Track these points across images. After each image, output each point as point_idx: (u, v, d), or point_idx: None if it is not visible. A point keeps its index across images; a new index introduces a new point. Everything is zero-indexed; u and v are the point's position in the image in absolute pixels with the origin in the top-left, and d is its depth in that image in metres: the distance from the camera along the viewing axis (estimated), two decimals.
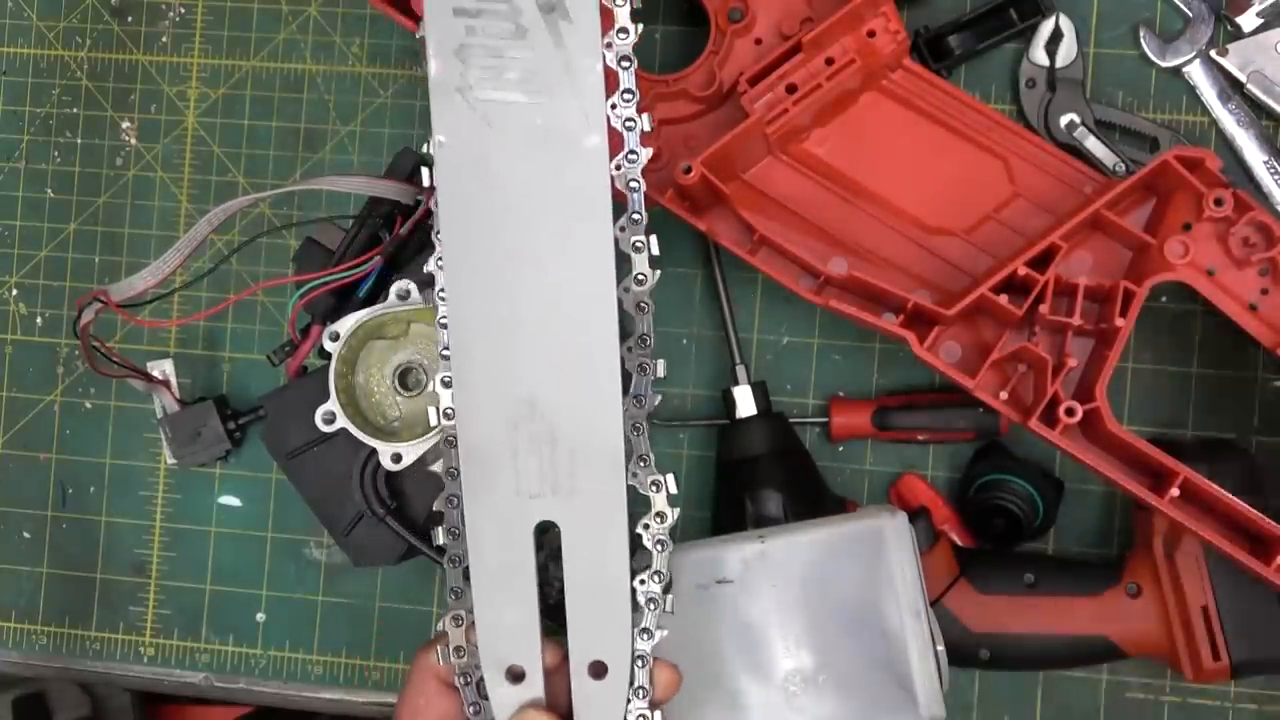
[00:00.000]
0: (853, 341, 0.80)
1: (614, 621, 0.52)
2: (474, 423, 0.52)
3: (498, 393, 0.52)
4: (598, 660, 0.52)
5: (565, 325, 0.52)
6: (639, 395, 0.52)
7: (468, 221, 0.52)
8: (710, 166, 0.69)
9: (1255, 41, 0.76)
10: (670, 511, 0.53)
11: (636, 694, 0.52)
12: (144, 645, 0.86)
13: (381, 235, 0.74)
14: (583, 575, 0.52)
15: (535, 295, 0.52)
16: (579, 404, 0.52)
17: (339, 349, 0.69)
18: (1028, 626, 0.72)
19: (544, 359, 0.52)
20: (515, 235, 0.52)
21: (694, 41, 0.77)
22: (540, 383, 0.52)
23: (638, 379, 0.52)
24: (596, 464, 0.52)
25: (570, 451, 0.52)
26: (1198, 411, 0.77)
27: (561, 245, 0.52)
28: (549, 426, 0.52)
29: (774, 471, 0.74)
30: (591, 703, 0.52)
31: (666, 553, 0.53)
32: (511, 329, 0.52)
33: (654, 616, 0.53)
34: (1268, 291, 0.69)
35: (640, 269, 0.52)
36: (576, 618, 0.52)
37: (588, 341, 0.52)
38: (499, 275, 0.52)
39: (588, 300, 0.52)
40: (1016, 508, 0.74)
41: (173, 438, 0.81)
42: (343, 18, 0.85)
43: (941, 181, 0.72)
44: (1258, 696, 0.77)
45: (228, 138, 0.86)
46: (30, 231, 0.87)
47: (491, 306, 0.52)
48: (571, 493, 0.52)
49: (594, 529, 0.52)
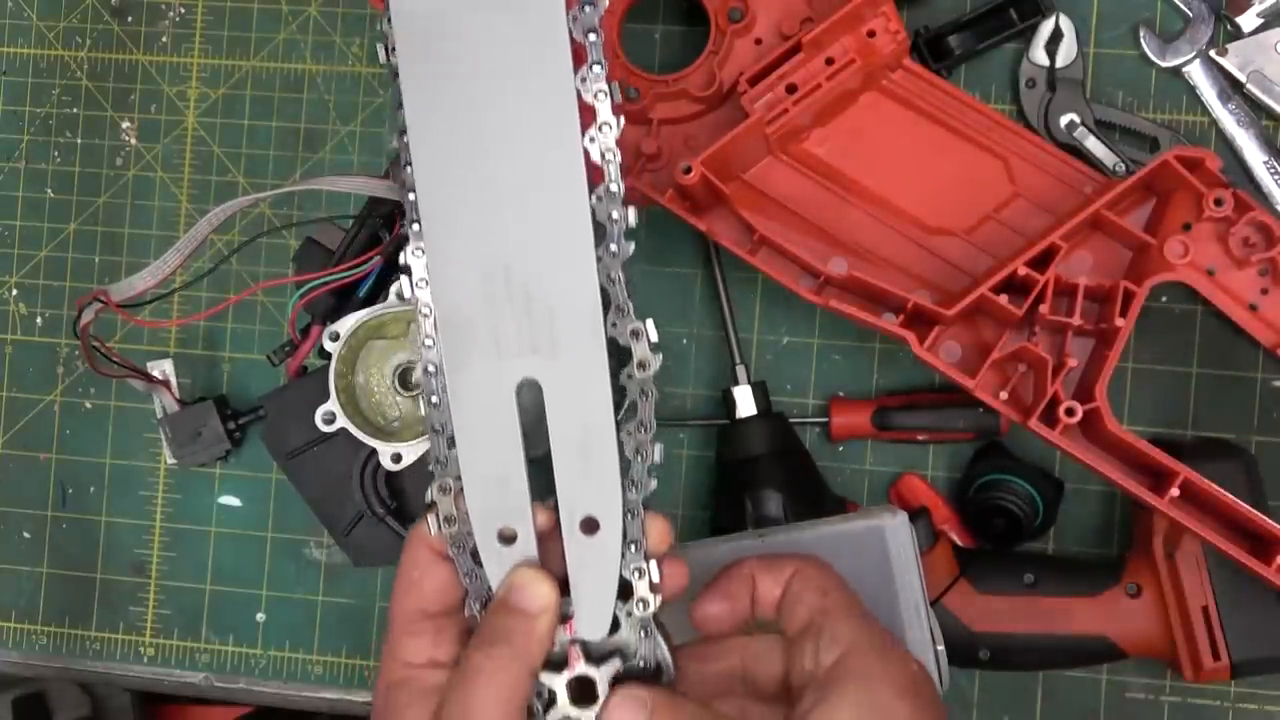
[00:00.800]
0: (853, 341, 0.80)
1: (602, 475, 0.51)
2: (448, 289, 0.52)
3: (470, 256, 0.51)
4: (589, 516, 0.52)
5: (533, 182, 0.51)
6: (612, 244, 0.52)
7: (429, 86, 0.51)
8: (710, 166, 0.69)
9: (1255, 41, 0.76)
10: (652, 359, 0.52)
11: (630, 547, 0.52)
12: (144, 645, 0.86)
13: (381, 235, 0.74)
14: (568, 431, 0.51)
15: (501, 155, 0.51)
16: (552, 260, 0.51)
17: (339, 349, 0.69)
18: (1028, 626, 0.72)
19: (514, 218, 0.51)
20: (476, 95, 0.51)
21: (694, 41, 0.77)
22: (513, 242, 0.51)
23: (610, 229, 0.52)
24: (574, 317, 0.51)
25: (548, 308, 0.51)
26: (1198, 411, 0.77)
27: (523, 100, 0.51)
28: (524, 285, 0.51)
29: (774, 471, 0.74)
30: (585, 559, 0.52)
31: (650, 401, 0.52)
32: (480, 191, 0.51)
33: (642, 466, 0.52)
34: (1268, 291, 0.69)
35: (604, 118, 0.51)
36: (564, 474, 0.52)
37: (556, 195, 0.51)
38: (464, 138, 0.51)
39: (553, 153, 0.51)
40: (1016, 508, 0.74)
41: (173, 438, 0.81)
42: (343, 18, 0.85)
43: (941, 181, 0.72)
44: (1258, 696, 0.77)
45: (228, 138, 0.86)
46: (30, 231, 0.87)
47: (458, 170, 0.51)
48: (552, 349, 0.51)
49: (576, 383, 0.51)
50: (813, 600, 0.52)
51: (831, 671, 0.49)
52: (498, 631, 0.50)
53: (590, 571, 0.52)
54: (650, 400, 0.52)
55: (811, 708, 0.49)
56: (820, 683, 0.49)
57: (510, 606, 0.51)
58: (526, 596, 0.51)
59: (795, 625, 0.52)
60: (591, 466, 0.52)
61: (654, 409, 0.52)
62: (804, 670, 0.51)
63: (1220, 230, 0.68)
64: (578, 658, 0.52)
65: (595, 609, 0.52)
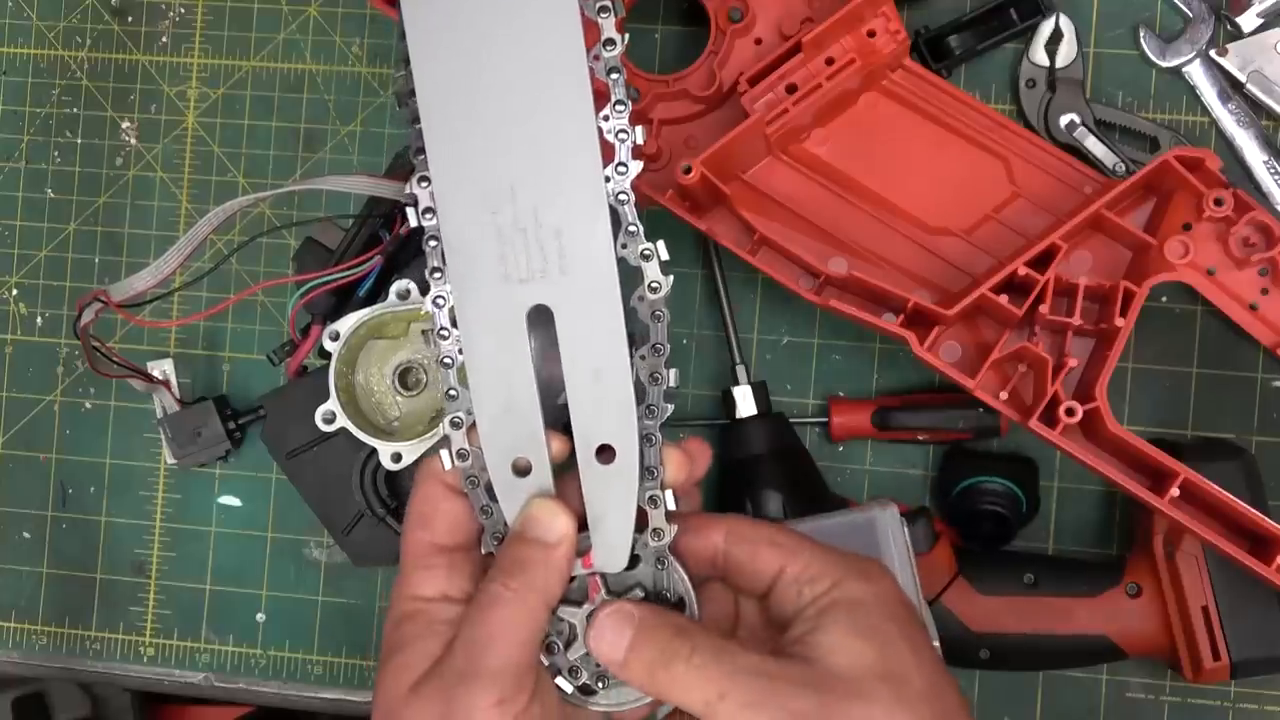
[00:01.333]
0: (853, 341, 0.80)
1: (617, 401, 0.51)
2: (455, 216, 0.51)
3: (476, 182, 0.51)
4: (604, 444, 0.51)
5: (537, 101, 0.50)
6: (621, 164, 0.51)
7: (430, 15, 0.51)
8: (710, 166, 0.69)
9: (1255, 41, 0.76)
10: (664, 280, 0.51)
11: (647, 474, 0.51)
12: (144, 645, 0.86)
13: (381, 235, 0.74)
14: (580, 358, 0.51)
15: (503, 76, 0.51)
16: (559, 182, 0.50)
17: (339, 349, 0.69)
18: (1027, 626, 0.72)
19: (519, 141, 0.51)
20: (478, 17, 0.51)
21: (694, 41, 0.77)
22: (518, 166, 0.50)
23: (619, 148, 0.51)
24: (583, 240, 0.50)
25: (555, 232, 0.50)
26: (1198, 411, 0.77)
27: (526, 19, 0.50)
28: (531, 209, 0.50)
29: (774, 471, 0.74)
30: (602, 488, 0.51)
31: (664, 325, 0.51)
32: (483, 114, 0.51)
33: (658, 391, 0.51)
34: (1268, 291, 0.69)
35: (609, 33, 0.51)
36: (578, 402, 0.51)
37: (561, 114, 0.50)
38: (465, 61, 0.51)
39: (557, 72, 0.50)
40: (1001, 508, 0.74)
41: (173, 438, 0.80)
42: (343, 18, 0.85)
43: (941, 181, 0.72)
44: (1258, 696, 0.77)
45: (228, 138, 0.86)
46: (30, 231, 0.87)
47: (461, 94, 0.51)
48: (561, 273, 0.50)
49: (587, 308, 0.50)
50: (772, 556, 0.51)
51: (818, 602, 0.49)
52: (515, 563, 0.50)
53: (608, 501, 0.51)
54: (664, 323, 0.52)
55: (802, 634, 0.49)
56: (809, 613, 0.49)
57: (527, 538, 0.50)
58: (543, 527, 0.50)
59: (761, 583, 0.52)
60: (605, 392, 0.51)
61: (668, 332, 0.51)
62: (785, 608, 0.50)
63: (1220, 230, 0.68)
64: (597, 589, 0.51)
65: (614, 540, 0.51)
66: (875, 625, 0.48)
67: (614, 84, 0.52)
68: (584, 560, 0.52)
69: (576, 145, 0.51)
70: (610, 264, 0.51)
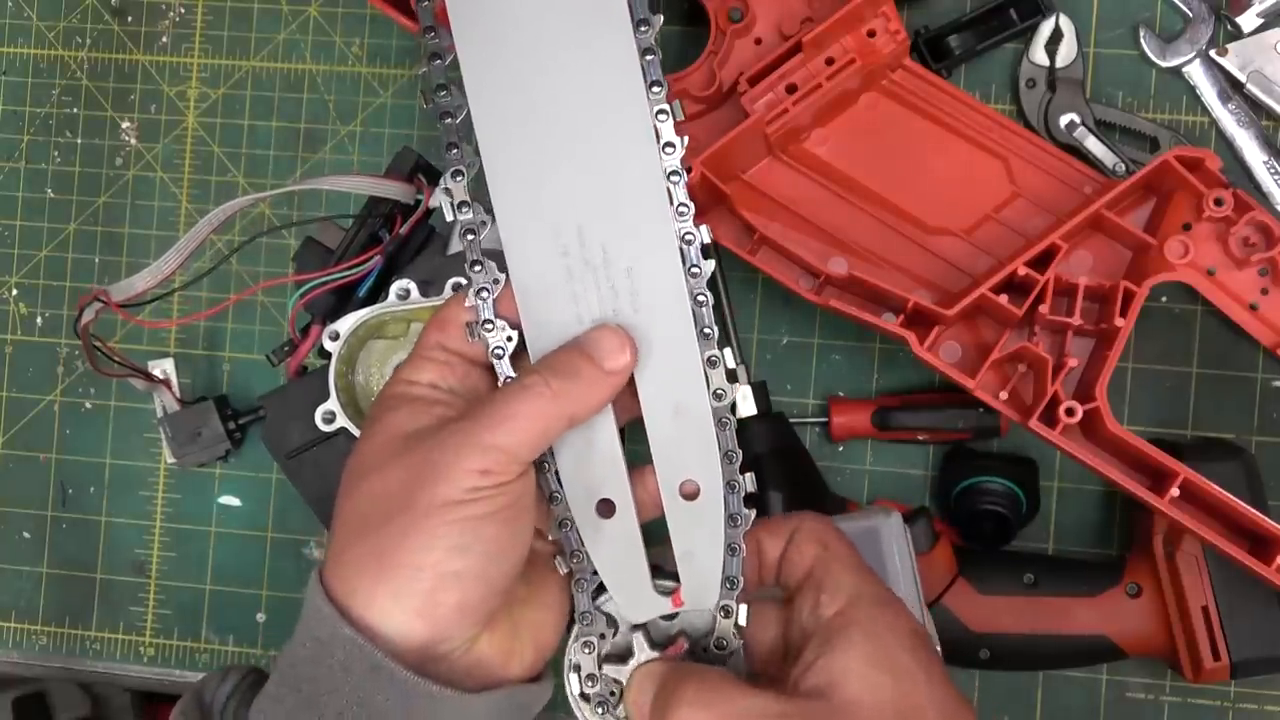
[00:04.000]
0: (853, 341, 0.80)
1: (698, 437, 0.51)
2: (525, 258, 0.51)
3: (544, 225, 0.51)
4: (688, 480, 0.51)
5: (600, 143, 0.51)
6: (682, 204, 0.51)
7: (487, 54, 0.51)
8: (710, 166, 0.69)
9: (1255, 41, 0.76)
10: (710, 295, 0.51)
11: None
12: (144, 645, 0.86)
13: (381, 235, 0.74)
14: (658, 395, 0.51)
15: (566, 119, 0.51)
16: (628, 220, 0.51)
17: (339, 349, 0.69)
18: (1028, 626, 0.72)
19: (584, 181, 0.51)
20: (536, 60, 0.51)
21: (694, 41, 0.77)
22: (585, 206, 0.51)
23: (673, 191, 0.51)
24: (654, 276, 0.51)
25: (627, 270, 0.51)
26: (1198, 411, 0.77)
27: (585, 60, 0.50)
28: (600, 248, 0.50)
29: (774, 471, 0.74)
30: (688, 525, 0.52)
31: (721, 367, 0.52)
32: (546, 157, 0.51)
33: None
34: (1268, 291, 0.69)
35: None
36: (659, 440, 0.51)
37: (625, 155, 0.51)
38: (526, 105, 0.51)
39: (619, 112, 0.50)
40: (1002, 508, 0.74)
41: (173, 437, 0.80)
42: (343, 18, 0.85)
43: (941, 181, 0.72)
44: (1258, 696, 0.77)
45: (228, 138, 0.86)
46: (30, 231, 0.87)
47: (523, 138, 0.51)
48: (634, 311, 0.51)
49: (662, 344, 0.51)
50: (813, 551, 0.51)
51: (835, 621, 0.49)
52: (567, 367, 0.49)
53: (695, 539, 0.51)
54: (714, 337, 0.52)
55: (816, 658, 0.48)
56: (824, 633, 0.49)
57: (587, 353, 0.50)
58: (606, 351, 0.50)
59: (796, 577, 0.52)
60: (686, 428, 0.51)
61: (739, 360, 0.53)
62: (804, 624, 0.50)
63: (1220, 230, 0.68)
64: (680, 649, 0.52)
65: (703, 578, 0.52)
66: (893, 657, 0.48)
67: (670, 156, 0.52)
68: (673, 599, 0.52)
69: (643, 183, 0.51)
70: (683, 299, 0.51)
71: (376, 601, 0.47)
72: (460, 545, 0.47)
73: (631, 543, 0.52)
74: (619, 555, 0.52)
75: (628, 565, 0.52)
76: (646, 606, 0.53)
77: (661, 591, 0.52)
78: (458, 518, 0.47)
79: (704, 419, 0.51)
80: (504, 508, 0.48)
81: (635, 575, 0.52)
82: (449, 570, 0.47)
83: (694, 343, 0.51)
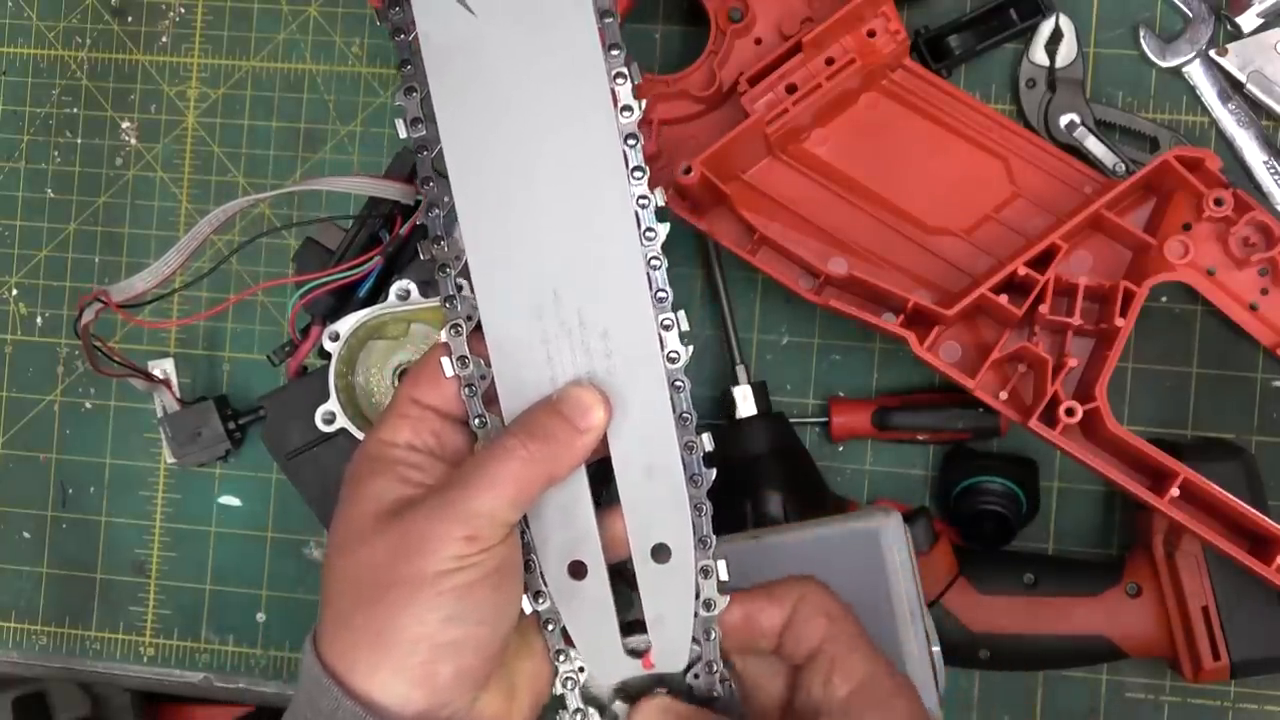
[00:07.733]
0: (853, 341, 0.80)
1: (670, 499, 0.51)
2: (500, 318, 0.51)
3: (519, 286, 0.51)
4: (659, 543, 0.52)
5: (577, 208, 0.51)
6: (654, 257, 0.51)
7: (464, 115, 0.51)
8: (710, 166, 0.69)
9: (1255, 41, 0.76)
10: (683, 350, 0.51)
11: (703, 574, 0.52)
12: (144, 645, 0.86)
13: (381, 235, 0.74)
14: (632, 456, 0.51)
15: (543, 182, 0.51)
16: (603, 284, 0.51)
17: (339, 349, 0.69)
18: (1027, 626, 0.72)
19: (561, 245, 0.51)
20: (514, 123, 0.51)
21: (694, 41, 0.77)
22: (561, 269, 0.51)
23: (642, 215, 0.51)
24: (629, 339, 0.51)
25: (602, 333, 0.51)
26: (1198, 411, 0.77)
27: (562, 124, 0.51)
28: (576, 310, 0.51)
29: (774, 471, 0.74)
30: (659, 588, 0.52)
31: (685, 393, 0.52)
32: (524, 220, 0.51)
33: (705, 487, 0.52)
34: (1268, 291, 0.69)
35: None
36: (631, 501, 0.51)
37: (604, 222, 0.51)
38: (503, 167, 0.51)
39: (597, 176, 0.51)
40: (1002, 508, 0.74)
41: (173, 437, 0.81)
42: (343, 18, 0.85)
43: (941, 181, 0.72)
44: (1258, 696, 0.77)
45: (228, 138, 0.86)
46: (30, 231, 0.87)
47: (500, 200, 0.51)
48: (608, 374, 0.51)
49: (636, 406, 0.51)
50: (822, 626, 0.52)
51: (851, 703, 0.50)
52: (541, 429, 0.50)
53: (666, 602, 0.52)
54: (684, 392, 0.52)
55: None
56: (838, 715, 0.50)
57: (561, 412, 0.50)
58: (579, 409, 0.50)
59: (802, 651, 0.52)
60: (658, 490, 0.51)
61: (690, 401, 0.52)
62: (815, 697, 0.51)
63: (1220, 230, 0.68)
64: None
65: (673, 642, 0.52)
66: None
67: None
68: (644, 661, 0.52)
69: (618, 245, 0.51)
70: (658, 362, 0.51)
71: (378, 675, 0.48)
72: (453, 615, 0.47)
73: (603, 606, 0.52)
74: (590, 618, 0.52)
75: (598, 629, 0.52)
76: (617, 669, 0.53)
77: (632, 653, 0.53)
78: (448, 587, 0.47)
79: (676, 481, 0.52)
80: (491, 572, 0.48)
81: (606, 638, 0.53)
82: (444, 641, 0.48)
83: (668, 406, 0.51)
